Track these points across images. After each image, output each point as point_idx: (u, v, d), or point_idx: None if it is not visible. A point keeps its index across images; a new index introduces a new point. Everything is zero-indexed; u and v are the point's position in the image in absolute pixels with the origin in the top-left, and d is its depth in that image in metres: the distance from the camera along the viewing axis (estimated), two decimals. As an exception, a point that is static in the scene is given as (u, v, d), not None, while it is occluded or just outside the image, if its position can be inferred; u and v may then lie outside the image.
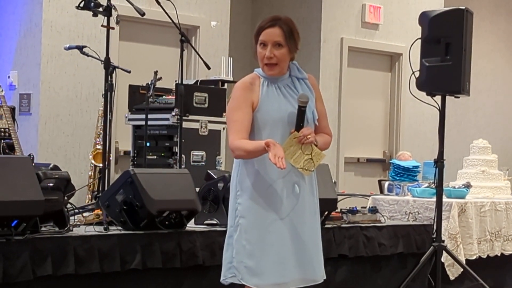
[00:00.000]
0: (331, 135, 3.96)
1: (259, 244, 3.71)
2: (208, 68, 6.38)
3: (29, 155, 6.51)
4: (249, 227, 3.73)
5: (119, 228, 4.74)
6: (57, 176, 4.49)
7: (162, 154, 7.00)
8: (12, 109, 6.98)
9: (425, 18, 6.04)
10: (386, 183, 7.09)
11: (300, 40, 3.83)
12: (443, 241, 6.11)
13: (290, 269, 3.72)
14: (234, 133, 3.75)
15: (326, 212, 5.48)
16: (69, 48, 6.47)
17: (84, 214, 5.00)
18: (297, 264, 3.73)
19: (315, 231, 3.83)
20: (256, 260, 3.70)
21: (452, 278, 6.35)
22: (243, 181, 3.79)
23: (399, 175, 6.98)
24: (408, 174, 6.99)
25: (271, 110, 3.75)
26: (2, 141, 6.63)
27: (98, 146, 7.15)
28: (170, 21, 6.15)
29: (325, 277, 3.87)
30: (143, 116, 6.49)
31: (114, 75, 5.82)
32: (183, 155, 6.67)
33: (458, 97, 6.21)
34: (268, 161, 3.64)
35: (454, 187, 6.82)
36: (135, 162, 7.00)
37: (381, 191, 7.22)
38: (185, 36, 6.25)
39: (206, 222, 5.21)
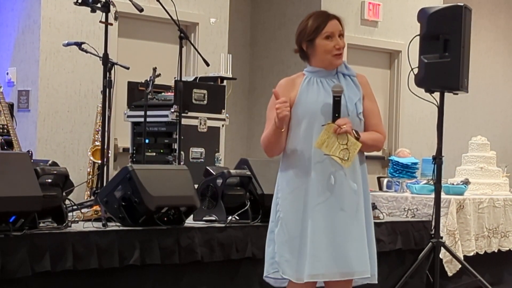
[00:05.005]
0: (384, 134, 3.91)
1: (298, 237, 3.73)
2: (207, 64, 6.38)
3: (28, 151, 6.51)
4: (288, 220, 3.75)
5: (118, 224, 4.74)
6: (55, 172, 4.48)
7: (161, 151, 7.00)
8: (11, 106, 6.98)
9: (423, 15, 6.03)
10: (385, 180, 7.09)
11: None
12: (442, 238, 6.12)
13: (324, 261, 3.71)
14: (264, 131, 3.80)
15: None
16: (68, 44, 6.47)
17: (83, 210, 5.00)
18: (331, 257, 3.72)
19: (356, 225, 3.77)
20: (295, 253, 3.72)
21: (450, 274, 6.36)
22: (282, 176, 3.82)
23: (398, 172, 6.99)
24: (406, 171, 7.00)
25: (309, 102, 3.78)
26: (1, 137, 6.63)
27: (97, 143, 7.15)
28: (169, 17, 6.15)
29: (369, 274, 3.77)
30: (142, 112, 6.48)
31: (112, 71, 5.82)
32: (182, 152, 6.68)
33: (457, 94, 6.20)
34: (301, 154, 3.72)
35: (453, 184, 6.82)
36: (134, 159, 7.00)
37: (380, 188, 7.22)
38: (184, 33, 6.25)
39: (204, 218, 5.21)
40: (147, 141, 6.66)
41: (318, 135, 3.72)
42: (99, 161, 5.92)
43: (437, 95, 6.07)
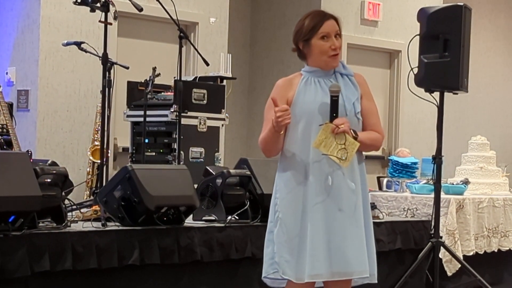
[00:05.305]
0: (382, 133, 3.89)
1: (297, 237, 3.73)
2: (207, 64, 6.38)
3: (27, 151, 6.50)
4: (287, 220, 3.75)
5: (117, 224, 4.73)
6: (54, 171, 4.48)
7: (161, 150, 7.00)
8: (10, 105, 6.98)
9: (423, 15, 6.03)
10: (385, 180, 7.09)
11: None
12: (441, 237, 6.12)
13: (323, 261, 3.71)
14: (262, 132, 3.80)
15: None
16: (67, 44, 6.46)
17: (82, 210, 5.00)
18: (330, 257, 3.72)
19: (355, 225, 3.76)
20: (294, 254, 3.72)
21: (449, 274, 6.36)
22: (280, 176, 3.82)
23: (397, 172, 6.98)
24: (406, 170, 7.00)
25: (307, 102, 3.77)
26: (0, 137, 6.63)
27: (96, 143, 7.15)
28: (168, 17, 6.14)
29: (368, 274, 3.76)
30: (142, 112, 6.48)
31: (112, 71, 5.81)
32: (181, 152, 6.67)
33: (457, 94, 6.20)
34: (299, 154, 3.71)
35: (452, 184, 6.82)
36: (133, 159, 6.99)
37: (380, 188, 7.22)
38: (183, 33, 6.25)
39: (204, 218, 5.21)
40: (146, 140, 6.66)
41: (316, 135, 3.71)
42: (99, 161, 5.92)
43: (437, 95, 6.07)
